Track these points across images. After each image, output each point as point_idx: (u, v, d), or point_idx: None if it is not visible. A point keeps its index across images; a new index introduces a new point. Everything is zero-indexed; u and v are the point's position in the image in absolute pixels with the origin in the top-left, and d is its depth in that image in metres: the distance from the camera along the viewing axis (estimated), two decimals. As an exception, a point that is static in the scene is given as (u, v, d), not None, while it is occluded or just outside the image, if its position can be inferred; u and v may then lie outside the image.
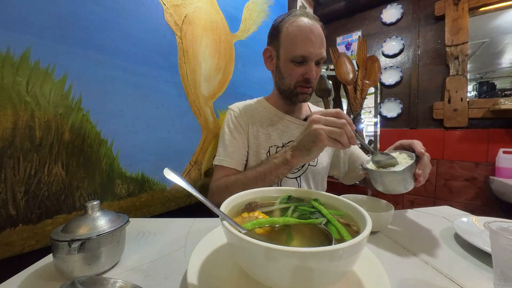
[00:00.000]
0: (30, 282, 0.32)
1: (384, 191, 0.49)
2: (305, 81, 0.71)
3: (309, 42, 0.67)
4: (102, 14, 0.57)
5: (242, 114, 0.79)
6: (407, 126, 1.89)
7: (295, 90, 0.74)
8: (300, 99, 0.75)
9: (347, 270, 0.25)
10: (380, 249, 0.43)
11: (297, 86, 0.73)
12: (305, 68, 0.70)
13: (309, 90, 0.74)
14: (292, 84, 0.73)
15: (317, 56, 0.69)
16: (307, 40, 0.67)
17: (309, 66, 0.70)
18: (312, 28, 0.68)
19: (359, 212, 0.31)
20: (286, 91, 0.76)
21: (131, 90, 0.64)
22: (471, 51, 1.78)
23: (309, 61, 0.69)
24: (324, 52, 0.70)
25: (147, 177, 0.69)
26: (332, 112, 0.50)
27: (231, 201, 0.34)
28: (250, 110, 0.81)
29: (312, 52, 0.68)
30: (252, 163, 0.76)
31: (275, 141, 0.77)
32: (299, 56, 0.69)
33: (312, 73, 0.70)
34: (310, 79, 0.71)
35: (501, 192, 1.41)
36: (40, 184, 0.48)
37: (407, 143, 0.53)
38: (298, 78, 0.72)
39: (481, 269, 0.36)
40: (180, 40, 0.77)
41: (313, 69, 0.70)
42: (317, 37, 0.68)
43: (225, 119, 0.80)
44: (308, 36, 0.67)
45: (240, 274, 0.30)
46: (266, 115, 0.80)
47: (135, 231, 0.48)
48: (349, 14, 2.22)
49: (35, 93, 0.47)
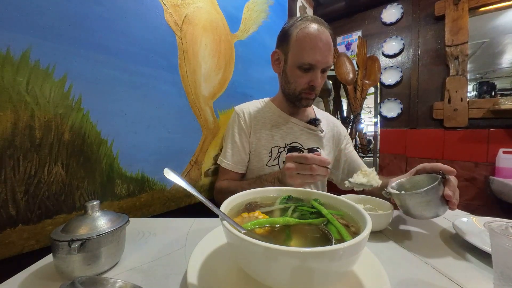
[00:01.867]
0: (30, 282, 0.32)
1: (413, 216, 0.47)
2: (310, 88, 0.73)
3: (317, 50, 0.68)
4: (102, 14, 0.57)
5: (247, 117, 0.81)
6: (407, 126, 1.89)
7: (300, 96, 0.75)
8: (303, 104, 0.77)
9: (347, 270, 0.25)
10: (380, 249, 0.43)
11: (302, 92, 0.74)
12: (311, 75, 0.71)
13: (313, 96, 0.76)
14: (298, 90, 0.74)
15: (324, 65, 0.70)
16: (316, 48, 0.68)
17: (315, 74, 0.71)
18: (321, 36, 0.68)
19: (359, 212, 0.31)
20: (291, 95, 0.77)
21: (131, 90, 0.64)
22: (471, 51, 1.78)
23: (316, 69, 0.70)
24: (331, 60, 0.71)
25: (147, 177, 0.69)
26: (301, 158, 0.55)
27: (231, 201, 0.34)
28: (255, 112, 0.83)
29: (320, 61, 0.69)
30: (254, 163, 0.78)
31: (278, 142, 0.78)
32: (306, 64, 0.69)
33: (318, 81, 0.72)
34: (315, 87, 0.73)
35: (501, 192, 1.41)
36: (40, 184, 0.48)
37: (429, 166, 0.51)
38: (303, 85, 0.73)
39: (481, 269, 0.36)
40: (180, 40, 0.77)
41: (318, 76, 0.71)
42: (325, 45, 0.68)
43: (231, 121, 0.83)
44: (316, 44, 0.68)
45: (240, 274, 0.30)
46: (271, 116, 0.82)
47: (135, 231, 0.48)
48: (349, 14, 2.21)
49: (35, 93, 0.47)
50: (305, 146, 0.80)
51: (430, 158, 1.78)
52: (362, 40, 1.98)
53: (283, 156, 0.77)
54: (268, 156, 0.77)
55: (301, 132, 0.81)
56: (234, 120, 0.82)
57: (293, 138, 0.79)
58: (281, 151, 0.77)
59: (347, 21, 2.25)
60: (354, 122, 1.96)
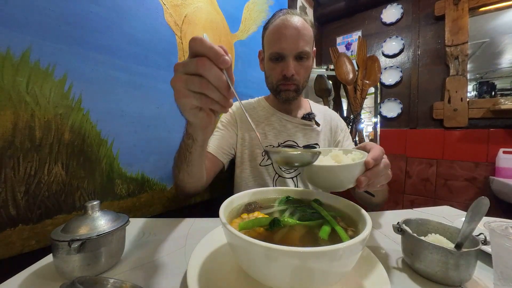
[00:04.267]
0: (30, 282, 0.32)
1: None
2: (284, 78, 0.70)
3: (283, 38, 0.66)
4: (102, 14, 0.57)
5: (236, 113, 0.80)
6: (407, 126, 1.89)
7: (278, 88, 0.73)
8: (283, 97, 0.74)
9: (347, 270, 0.25)
10: (380, 249, 0.42)
11: (279, 84, 0.72)
12: (283, 65, 0.69)
13: (292, 86, 0.71)
14: (274, 82, 0.73)
15: (292, 51, 0.67)
16: (281, 36, 0.66)
17: (285, 63, 0.68)
18: (286, 23, 0.66)
19: (359, 213, 0.31)
20: (271, 89, 0.76)
21: (131, 90, 0.64)
22: (471, 51, 1.78)
23: (286, 57, 0.68)
24: (304, 46, 0.67)
25: (147, 177, 0.69)
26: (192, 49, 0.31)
27: (230, 202, 0.34)
28: (248, 109, 0.81)
29: (285, 48, 0.66)
30: (248, 162, 0.76)
31: (271, 141, 0.77)
32: (274, 53, 0.68)
33: (289, 69, 0.67)
34: (287, 76, 0.68)
35: (501, 192, 1.41)
36: (40, 184, 0.48)
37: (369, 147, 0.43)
38: (278, 75, 0.71)
39: (481, 269, 0.36)
40: (180, 40, 0.77)
41: (290, 65, 0.67)
42: (291, 31, 0.65)
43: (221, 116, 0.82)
44: (281, 32, 0.66)
45: (240, 274, 0.30)
46: (264, 114, 0.80)
47: (135, 231, 0.48)
48: (349, 14, 2.21)
49: (35, 93, 0.47)
50: (301, 144, 0.77)
51: (430, 158, 1.78)
52: (362, 40, 1.97)
53: None
54: (262, 156, 0.75)
55: (295, 129, 0.78)
56: (224, 114, 0.81)
57: (287, 136, 0.77)
58: None
59: (347, 21, 2.25)
60: (354, 122, 1.95)
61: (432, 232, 0.39)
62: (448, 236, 0.37)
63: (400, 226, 0.38)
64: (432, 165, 1.77)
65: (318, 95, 1.93)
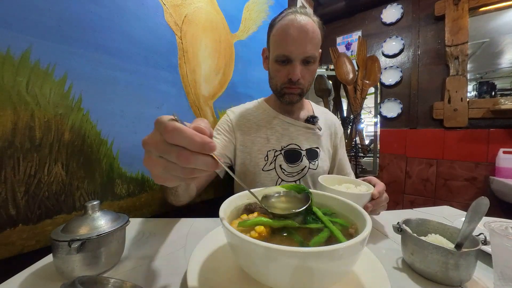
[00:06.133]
0: (30, 282, 0.32)
1: None
2: (289, 81, 0.68)
3: (290, 40, 0.63)
4: (102, 14, 0.57)
5: (234, 121, 0.78)
6: (407, 126, 1.89)
7: (282, 91, 0.71)
8: (286, 100, 0.72)
9: (347, 270, 0.25)
10: (380, 249, 0.42)
11: (283, 87, 0.70)
12: (289, 68, 0.67)
13: (296, 90, 0.70)
14: (279, 85, 0.71)
15: (300, 55, 0.64)
16: (289, 38, 0.63)
17: (292, 66, 0.66)
18: (296, 25, 0.63)
19: (359, 214, 0.31)
20: (275, 91, 0.74)
21: (131, 90, 0.64)
22: (471, 51, 1.78)
23: (293, 61, 0.65)
24: (312, 50, 0.65)
25: (147, 177, 0.69)
26: None
27: (231, 202, 0.34)
28: (247, 114, 0.79)
29: (294, 51, 0.64)
30: (249, 168, 0.74)
31: (274, 145, 0.74)
32: (281, 55, 0.66)
33: (296, 74, 0.65)
34: (293, 80, 0.67)
35: (501, 192, 1.41)
36: (40, 184, 0.48)
37: (374, 182, 0.57)
38: (283, 78, 0.69)
39: (481, 269, 0.36)
40: (180, 40, 0.77)
41: (296, 69, 0.65)
42: (301, 34, 0.63)
43: (219, 120, 0.81)
44: (290, 34, 0.63)
45: (240, 274, 0.30)
46: (265, 118, 0.78)
47: (135, 231, 0.48)
48: (349, 14, 2.22)
49: (35, 93, 0.47)
50: (303, 147, 0.76)
51: (430, 158, 1.78)
52: (362, 40, 1.98)
53: (280, 159, 0.73)
54: (264, 161, 0.73)
55: (298, 132, 0.77)
56: (223, 120, 0.79)
57: (289, 139, 0.75)
58: (277, 154, 0.73)
59: (347, 21, 2.25)
60: (354, 122, 1.96)
61: (432, 232, 0.39)
62: (448, 236, 0.38)
63: (400, 226, 0.39)
64: (432, 165, 1.77)
65: (318, 95, 1.93)
